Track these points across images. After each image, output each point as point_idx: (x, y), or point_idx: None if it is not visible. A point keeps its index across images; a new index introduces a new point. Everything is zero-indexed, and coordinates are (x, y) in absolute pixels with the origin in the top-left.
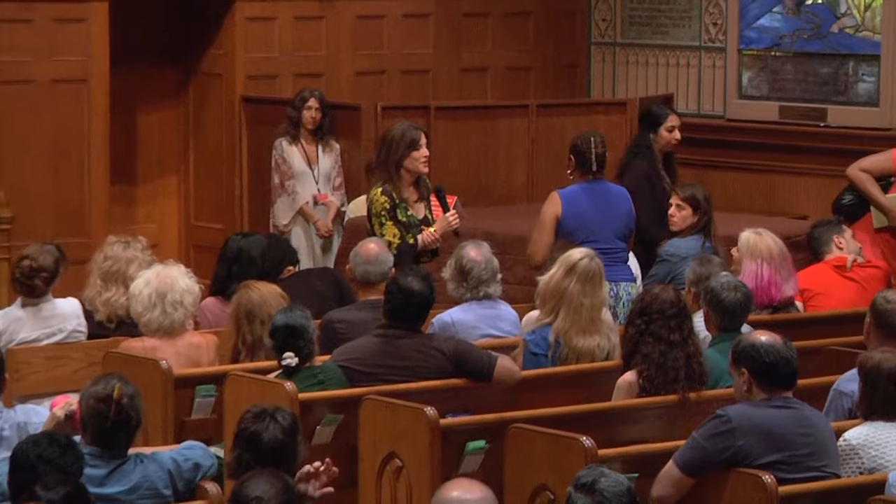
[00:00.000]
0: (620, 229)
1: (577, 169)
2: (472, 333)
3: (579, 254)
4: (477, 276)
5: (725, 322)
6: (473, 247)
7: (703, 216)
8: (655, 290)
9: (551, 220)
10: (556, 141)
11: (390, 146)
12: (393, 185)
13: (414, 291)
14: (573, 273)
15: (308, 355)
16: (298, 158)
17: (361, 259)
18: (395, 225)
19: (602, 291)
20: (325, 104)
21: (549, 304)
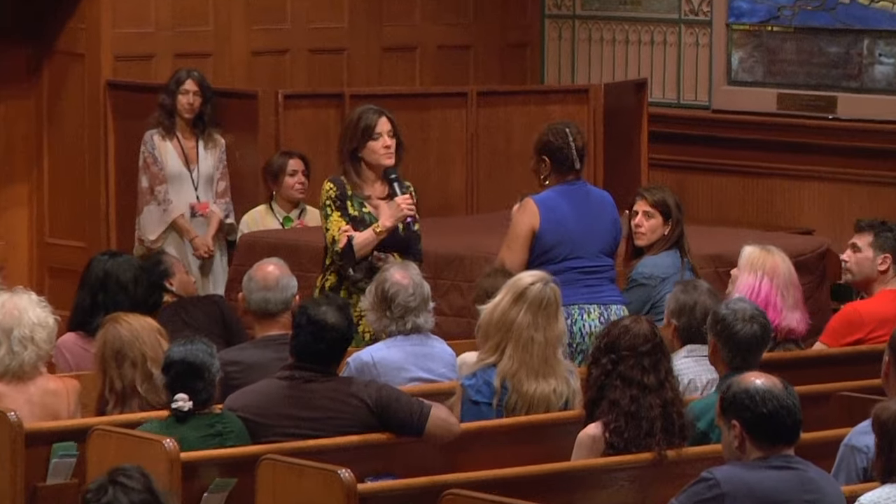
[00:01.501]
0: (607, 242)
1: (553, 171)
2: (397, 376)
3: (530, 277)
4: (403, 304)
5: (738, 359)
6: (398, 269)
7: (676, 226)
8: (624, 322)
9: (526, 233)
10: (501, 137)
11: (344, 134)
12: (348, 178)
13: (328, 324)
14: (522, 301)
15: (206, 400)
16: (173, 157)
17: (258, 284)
18: (343, 217)
19: (559, 324)
20: (205, 87)
21: (492, 339)
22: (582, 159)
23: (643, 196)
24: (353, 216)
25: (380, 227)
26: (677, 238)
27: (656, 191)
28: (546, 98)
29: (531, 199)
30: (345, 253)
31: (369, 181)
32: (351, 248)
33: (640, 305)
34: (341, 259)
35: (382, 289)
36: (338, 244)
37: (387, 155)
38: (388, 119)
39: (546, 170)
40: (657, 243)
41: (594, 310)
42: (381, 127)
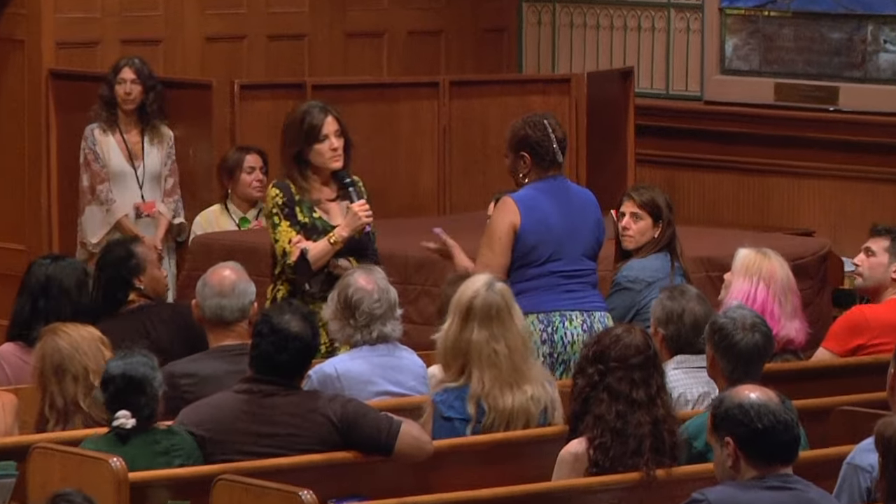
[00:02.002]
0: (590, 244)
1: (533, 166)
2: (363, 390)
3: (470, 290)
4: (368, 312)
5: (739, 372)
6: (363, 273)
7: (667, 228)
8: (617, 331)
9: (508, 233)
10: (476, 131)
11: (286, 135)
12: (294, 182)
13: (292, 334)
14: (471, 318)
15: (150, 416)
16: (116, 152)
17: (212, 290)
18: (293, 226)
19: (516, 324)
20: (145, 76)
21: (454, 365)
22: (563, 152)
23: (631, 197)
24: (304, 223)
25: (335, 237)
26: (668, 240)
27: (645, 191)
28: (524, 88)
29: (509, 198)
30: (298, 267)
31: (316, 184)
32: (305, 261)
33: (623, 311)
34: (295, 273)
35: (345, 295)
36: (289, 257)
37: (334, 158)
38: (334, 118)
39: (525, 167)
40: (646, 246)
41: (576, 317)
42: (327, 128)
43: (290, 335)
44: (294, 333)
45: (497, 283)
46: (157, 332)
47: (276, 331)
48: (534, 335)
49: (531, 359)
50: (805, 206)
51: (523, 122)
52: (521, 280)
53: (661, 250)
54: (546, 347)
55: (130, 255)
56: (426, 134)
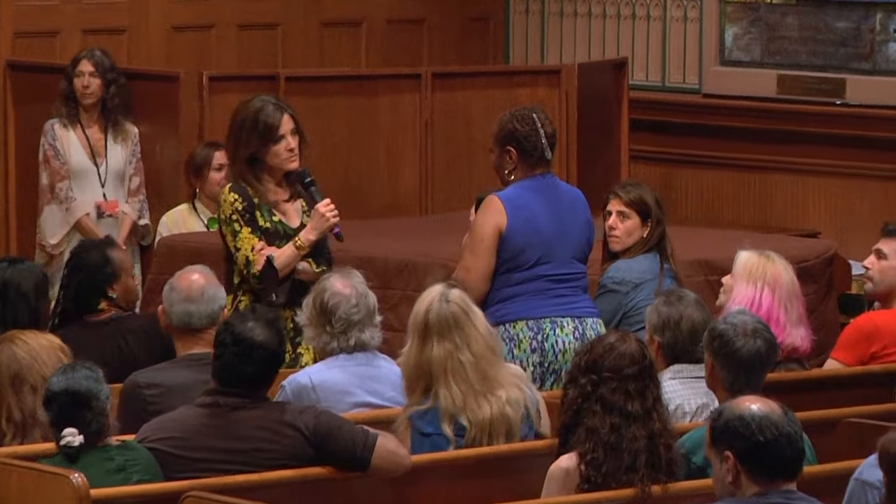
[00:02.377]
0: (581, 246)
1: (520, 163)
2: (340, 401)
3: (424, 305)
4: (345, 318)
5: (740, 381)
6: (340, 277)
7: (656, 227)
8: (610, 340)
9: (492, 234)
10: (460, 125)
11: (238, 135)
12: (250, 185)
13: (256, 342)
14: (428, 335)
15: (98, 432)
16: (78, 149)
17: (180, 295)
18: (255, 233)
19: (478, 329)
20: (105, 68)
21: (418, 386)
22: (552, 148)
23: (617, 194)
24: (266, 228)
25: (301, 241)
26: (657, 240)
27: (632, 188)
28: (511, 80)
29: (495, 196)
30: (265, 276)
31: (271, 186)
32: (272, 269)
33: (609, 315)
34: (261, 283)
35: (321, 300)
36: (254, 266)
37: (291, 159)
38: (290, 116)
39: (512, 163)
40: (634, 247)
41: (568, 323)
42: (284, 127)
43: (255, 344)
44: (258, 342)
45: (451, 290)
46: (130, 347)
47: (240, 340)
48: (522, 343)
49: (500, 362)
50: (810, 206)
51: (510, 115)
52: (508, 285)
53: (649, 251)
54: (536, 356)
55: (106, 262)
56: (407, 129)
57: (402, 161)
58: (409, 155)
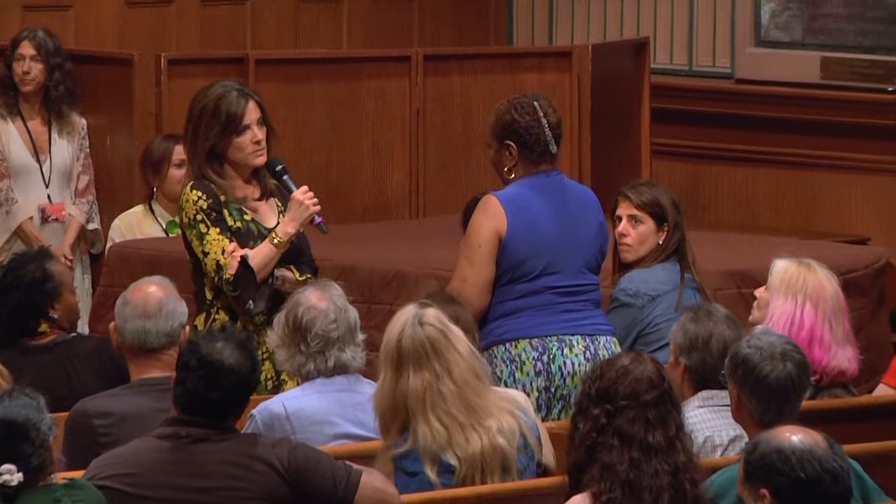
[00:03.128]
0: (592, 253)
1: (521, 159)
2: (319, 432)
3: (395, 332)
4: (322, 335)
5: (771, 412)
6: (316, 290)
7: (674, 232)
8: (623, 362)
9: (491, 240)
10: (457, 116)
11: (197, 126)
12: (213, 182)
13: (225, 366)
14: (403, 365)
15: (40, 468)
16: (18, 144)
17: (135, 311)
18: (224, 233)
19: (459, 352)
20: (49, 51)
21: (394, 425)
22: (558, 141)
23: (627, 196)
24: (237, 229)
25: (279, 236)
26: (675, 247)
27: (644, 188)
28: (516, 64)
29: (492, 197)
30: (241, 279)
31: (237, 182)
32: (249, 270)
33: (623, 332)
34: (236, 289)
35: (295, 315)
36: (226, 270)
37: (257, 153)
38: (256, 103)
39: (511, 159)
40: (649, 255)
41: (577, 342)
42: (249, 116)
43: (224, 368)
44: (228, 366)
45: (425, 311)
46: (79, 374)
47: (207, 363)
48: (526, 365)
49: (486, 387)
50: (857, 208)
51: (509, 104)
52: (509, 298)
53: (667, 259)
54: (541, 380)
55: (46, 278)
56: (395, 120)
57: (390, 157)
58: (397, 150)
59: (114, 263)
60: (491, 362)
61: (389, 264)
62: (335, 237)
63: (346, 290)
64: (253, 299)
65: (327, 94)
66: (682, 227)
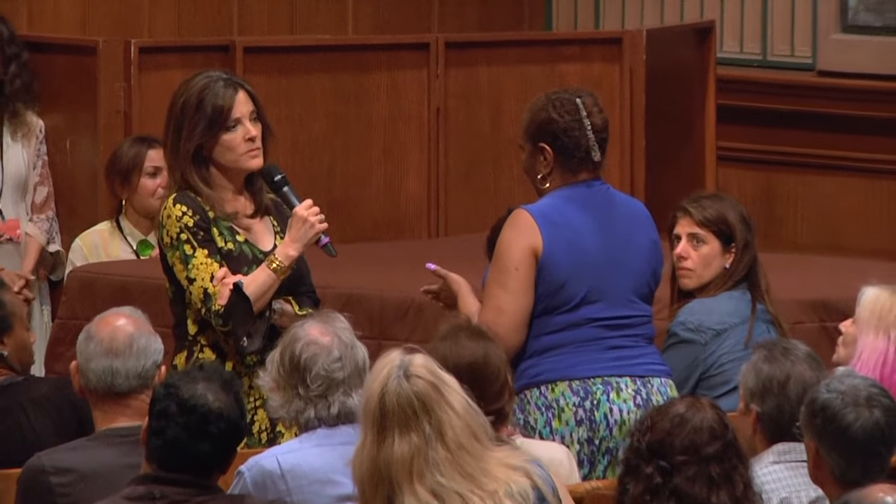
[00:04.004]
0: (643, 277)
1: (557, 165)
2: (319, 493)
3: (376, 388)
4: (324, 376)
5: (855, 470)
6: (317, 323)
7: (744, 253)
8: (678, 408)
9: (528, 261)
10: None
11: (179, 124)
12: (199, 193)
13: (212, 411)
14: (388, 426)
15: None
16: None
17: (100, 347)
18: (214, 256)
19: (451, 409)
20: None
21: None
22: (603, 147)
23: (687, 211)
24: (228, 251)
25: (278, 261)
26: (745, 272)
27: (708, 202)
28: (555, 53)
29: (524, 211)
30: (233, 311)
31: (228, 193)
32: (243, 300)
33: (682, 375)
34: (228, 322)
35: (292, 353)
36: (215, 300)
37: (251, 153)
38: (248, 95)
39: (546, 165)
40: (714, 282)
41: (626, 385)
42: (239, 109)
43: (211, 413)
44: (216, 410)
45: (411, 360)
46: (32, 423)
47: (190, 408)
48: (565, 412)
49: (485, 448)
50: None
51: (547, 100)
52: (545, 332)
53: (735, 286)
54: (583, 430)
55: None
56: (411, 120)
57: (405, 163)
58: (413, 155)
59: (74, 291)
60: (523, 409)
61: (404, 292)
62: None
63: (353, 322)
64: (248, 335)
65: (329, 89)
66: (754, 247)
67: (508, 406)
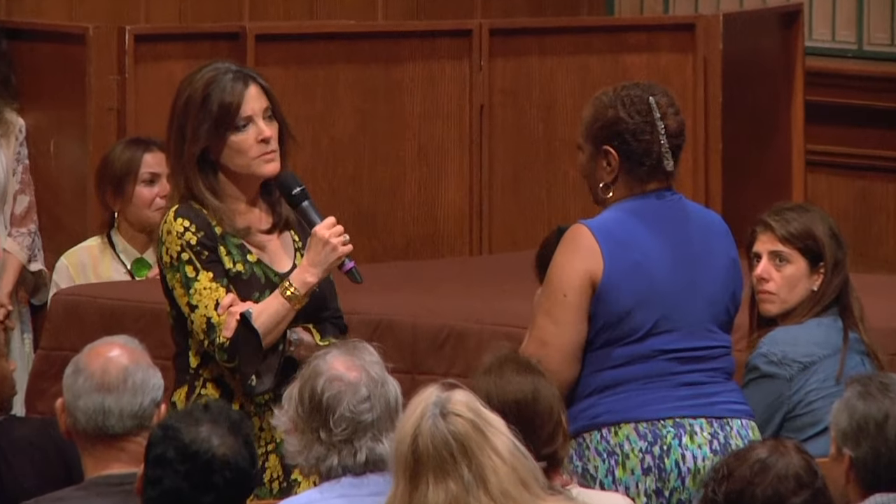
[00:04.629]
0: (722, 304)
1: (623, 173)
2: None
3: (408, 429)
4: (351, 419)
5: None
6: (343, 354)
7: (834, 275)
8: (759, 453)
9: (582, 288)
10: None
11: (182, 123)
12: (205, 204)
13: (217, 458)
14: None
15: None
16: None
17: (90, 383)
18: (219, 279)
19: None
20: None
21: None
22: (676, 154)
23: (768, 226)
24: (236, 274)
25: (293, 288)
26: (836, 294)
27: (792, 215)
28: (618, 41)
29: (583, 227)
30: (240, 345)
31: (240, 205)
32: (251, 332)
33: (764, 415)
34: (233, 358)
35: (313, 390)
36: (219, 332)
37: (266, 157)
38: (261, 89)
39: (610, 172)
40: (800, 307)
41: (702, 428)
42: (250, 105)
43: (216, 460)
44: (221, 457)
45: (450, 395)
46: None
47: (191, 454)
48: (630, 459)
49: (534, 491)
50: None
51: (615, 95)
52: (607, 367)
53: (824, 311)
54: (651, 480)
55: None
56: (450, 118)
57: (442, 170)
58: (452, 160)
59: (59, 318)
60: (581, 455)
61: (442, 319)
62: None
63: (384, 354)
64: (257, 373)
65: (356, 83)
66: (845, 267)
67: (563, 450)
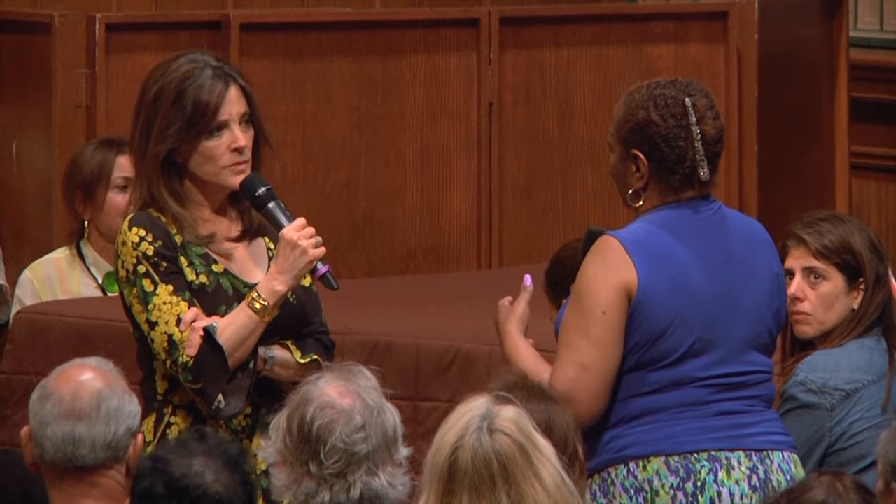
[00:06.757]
0: (764, 324)
1: (654, 179)
2: None
3: (449, 438)
4: (345, 450)
5: None
6: (335, 379)
7: (875, 291)
8: (816, 495)
9: (616, 304)
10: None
11: (149, 119)
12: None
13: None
14: (455, 488)
15: None
16: None
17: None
18: (180, 292)
19: (538, 479)
20: None
21: None
22: (713, 161)
23: (801, 239)
24: (200, 286)
25: (262, 299)
26: (879, 312)
27: (827, 226)
28: (642, 31)
29: (613, 239)
30: (204, 364)
31: (204, 211)
32: (215, 349)
33: (805, 448)
34: (198, 378)
35: (302, 419)
36: (182, 351)
37: (235, 167)
38: (241, 91)
39: (640, 178)
40: (839, 328)
41: (740, 462)
42: (228, 108)
43: (206, 498)
44: (212, 494)
45: (500, 412)
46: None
47: (180, 489)
48: (661, 496)
49: None
50: None
51: (648, 94)
52: (637, 393)
53: (866, 332)
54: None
55: None
56: (457, 117)
57: (448, 173)
58: (459, 163)
59: (22, 338)
60: (606, 491)
61: (447, 340)
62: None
63: (382, 379)
64: (224, 395)
65: (351, 78)
66: (888, 282)
67: (580, 485)
